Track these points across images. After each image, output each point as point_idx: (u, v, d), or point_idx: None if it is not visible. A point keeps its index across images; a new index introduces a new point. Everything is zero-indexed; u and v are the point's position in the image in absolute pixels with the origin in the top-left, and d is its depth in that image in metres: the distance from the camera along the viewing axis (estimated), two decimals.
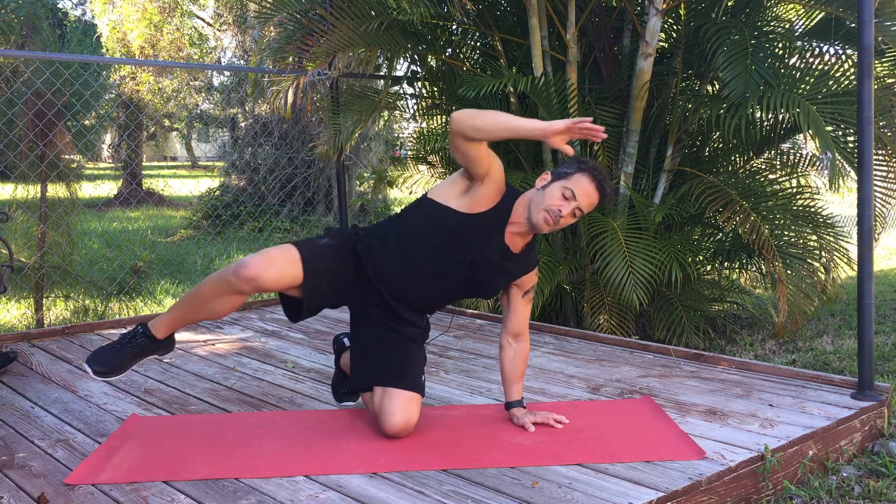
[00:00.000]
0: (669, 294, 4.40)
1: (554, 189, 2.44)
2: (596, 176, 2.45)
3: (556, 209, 2.42)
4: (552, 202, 2.43)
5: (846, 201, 5.26)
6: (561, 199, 2.43)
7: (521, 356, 2.67)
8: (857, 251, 2.86)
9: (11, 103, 4.85)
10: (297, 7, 5.01)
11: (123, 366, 2.49)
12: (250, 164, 11.37)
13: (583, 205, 2.44)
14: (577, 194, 2.43)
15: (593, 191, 2.44)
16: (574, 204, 2.43)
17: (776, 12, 4.86)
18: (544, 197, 2.45)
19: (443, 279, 2.55)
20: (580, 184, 2.43)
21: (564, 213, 2.42)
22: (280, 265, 2.38)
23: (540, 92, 4.30)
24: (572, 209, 2.43)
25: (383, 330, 2.60)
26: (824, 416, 2.66)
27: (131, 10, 13.14)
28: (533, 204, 2.48)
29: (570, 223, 2.49)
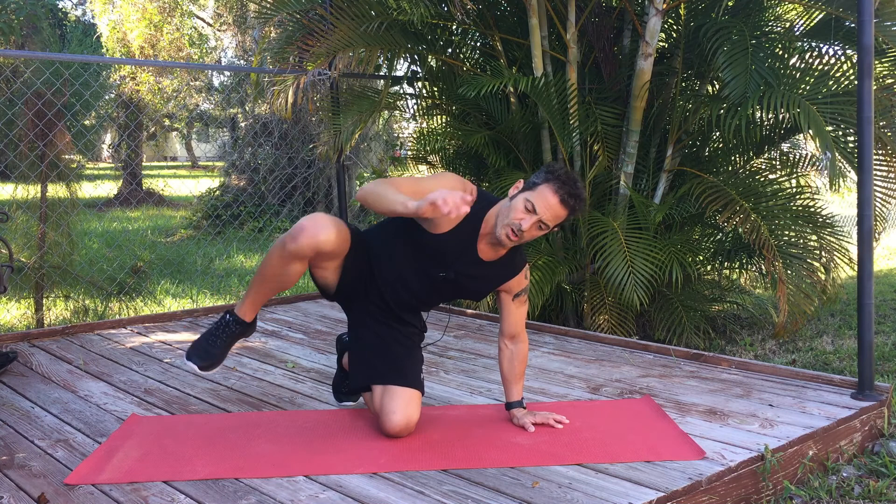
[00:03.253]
0: (669, 294, 4.40)
1: (518, 201, 2.37)
2: (561, 188, 2.34)
3: (517, 223, 2.34)
4: (514, 215, 2.35)
5: (846, 201, 5.26)
6: (523, 211, 2.35)
7: (518, 357, 2.66)
8: (857, 251, 2.86)
9: (11, 103, 4.85)
10: (298, 7, 5.01)
11: (222, 355, 2.56)
12: (250, 164, 11.37)
13: (545, 218, 2.34)
14: (539, 208, 2.33)
15: (556, 204, 2.34)
16: (536, 217, 2.34)
17: (776, 12, 4.86)
18: (509, 210, 2.38)
19: (427, 286, 2.57)
20: (543, 197, 2.34)
21: (525, 227, 2.33)
22: (333, 229, 2.37)
23: (540, 92, 4.30)
24: (534, 223, 2.34)
25: (384, 329, 2.62)
26: (824, 416, 2.66)
27: (131, 10, 13.13)
28: (500, 216, 2.41)
29: (538, 236, 2.41)
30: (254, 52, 12.17)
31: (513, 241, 2.38)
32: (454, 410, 2.85)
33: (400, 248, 2.56)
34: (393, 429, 2.49)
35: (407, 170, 5.82)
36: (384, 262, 2.57)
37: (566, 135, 4.45)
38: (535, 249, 4.53)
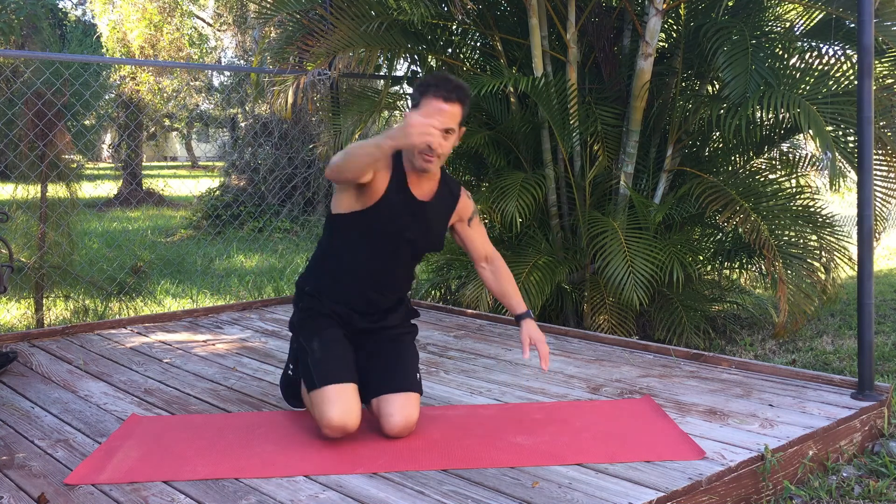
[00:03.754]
0: (670, 294, 4.40)
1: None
2: (438, 90, 2.34)
3: (424, 147, 2.37)
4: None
5: (846, 201, 5.26)
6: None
7: (501, 274, 2.73)
8: (857, 251, 2.86)
9: (11, 103, 4.85)
10: (297, 7, 5.01)
11: None
12: (250, 164, 11.37)
13: (444, 124, 2.34)
14: (434, 122, 2.29)
15: (444, 105, 2.35)
16: (435, 133, 2.29)
17: (776, 12, 4.86)
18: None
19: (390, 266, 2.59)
20: (430, 107, 2.36)
21: (433, 145, 2.34)
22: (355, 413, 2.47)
23: (540, 92, 4.30)
24: (436, 137, 2.30)
25: (372, 346, 2.64)
26: (824, 416, 2.66)
27: (131, 10, 13.14)
28: (406, 151, 2.43)
29: (451, 144, 2.41)
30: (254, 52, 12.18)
31: (432, 160, 2.41)
32: (454, 410, 2.85)
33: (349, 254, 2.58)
34: (392, 431, 2.50)
35: None
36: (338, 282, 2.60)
37: (566, 135, 4.45)
38: (534, 249, 4.53)
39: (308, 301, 2.66)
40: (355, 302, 2.62)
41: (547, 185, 4.61)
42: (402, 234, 2.54)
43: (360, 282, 2.60)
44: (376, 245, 2.56)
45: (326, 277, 2.63)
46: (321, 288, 2.64)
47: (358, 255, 2.57)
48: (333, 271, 2.62)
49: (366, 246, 2.56)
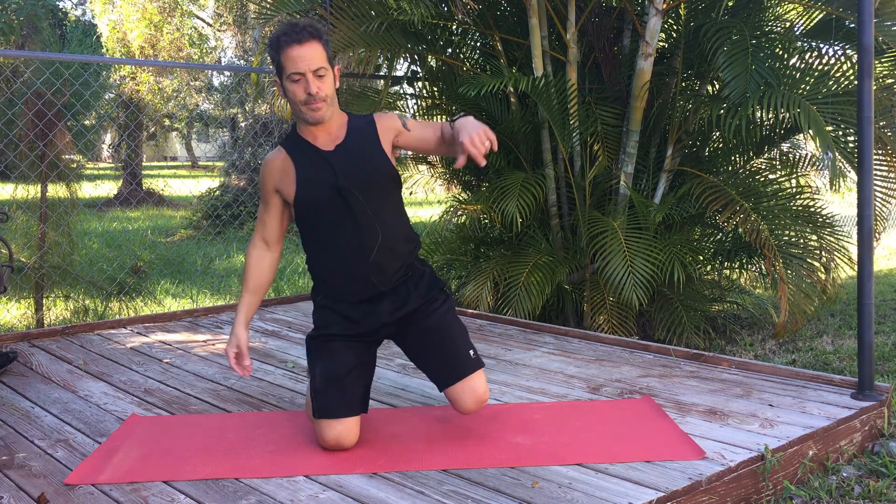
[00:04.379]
0: (670, 294, 4.40)
1: (288, 87, 2.36)
2: (285, 39, 2.32)
3: (303, 97, 2.34)
4: (297, 96, 2.35)
5: (846, 201, 5.26)
6: (297, 87, 2.34)
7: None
8: (857, 251, 2.86)
9: (11, 103, 4.85)
10: (297, 7, 5.01)
11: None
12: (250, 164, 11.37)
13: (308, 67, 2.32)
14: (298, 67, 2.31)
15: (300, 49, 2.31)
16: (307, 78, 2.32)
17: (776, 12, 4.86)
18: (291, 101, 2.40)
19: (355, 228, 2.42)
20: (290, 59, 2.32)
21: (312, 90, 2.32)
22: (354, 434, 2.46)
23: (540, 92, 4.30)
24: (310, 81, 2.32)
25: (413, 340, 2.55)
26: (824, 416, 2.66)
27: (131, 10, 13.15)
28: (295, 113, 2.43)
29: (328, 84, 2.37)
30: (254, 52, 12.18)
31: (317, 107, 2.36)
32: (455, 410, 2.84)
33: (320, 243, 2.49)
34: (467, 411, 2.51)
35: (407, 170, 5.82)
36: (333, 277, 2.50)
37: (566, 135, 4.45)
38: (534, 249, 4.53)
39: (319, 314, 2.54)
40: (361, 290, 2.46)
41: (547, 185, 4.61)
42: (335, 187, 2.40)
43: (346, 263, 2.44)
44: (326, 216, 2.43)
45: (322, 279, 2.54)
46: (327, 292, 2.54)
47: (324, 238, 2.46)
48: (322, 269, 2.52)
49: (321, 223, 2.45)
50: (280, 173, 2.48)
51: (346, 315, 2.49)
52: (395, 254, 2.47)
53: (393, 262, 2.46)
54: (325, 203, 2.42)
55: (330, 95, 2.38)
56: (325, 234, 2.46)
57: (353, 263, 2.44)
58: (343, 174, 2.41)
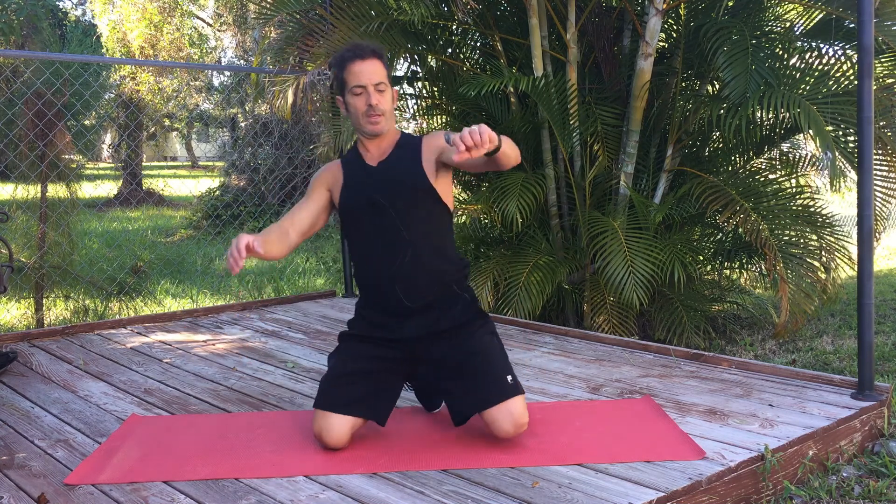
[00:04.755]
0: (670, 294, 4.40)
1: (350, 101, 2.50)
2: (350, 56, 2.47)
3: (364, 108, 2.47)
4: (358, 109, 2.48)
5: (846, 201, 5.26)
6: (359, 100, 2.47)
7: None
8: (857, 251, 2.85)
9: (11, 103, 4.85)
10: (297, 7, 5.01)
11: None
12: (250, 164, 11.38)
13: (371, 81, 2.46)
14: (361, 81, 2.45)
15: (363, 64, 2.46)
16: (368, 91, 2.46)
17: (776, 12, 4.86)
18: (352, 114, 2.52)
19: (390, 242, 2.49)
20: (353, 74, 2.46)
21: (372, 102, 2.46)
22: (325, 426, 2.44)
23: (540, 92, 4.30)
24: (371, 94, 2.46)
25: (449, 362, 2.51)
26: (824, 416, 2.66)
27: (131, 10, 13.15)
28: (355, 126, 2.55)
29: (388, 99, 2.50)
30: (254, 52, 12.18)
31: (377, 120, 2.48)
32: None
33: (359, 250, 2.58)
34: (505, 435, 2.43)
35: None
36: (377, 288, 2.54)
37: (566, 135, 4.45)
38: (534, 249, 4.53)
39: (352, 319, 2.65)
40: (387, 302, 2.51)
41: (547, 184, 4.61)
42: (370, 200, 2.49)
43: (376, 274, 2.51)
44: (363, 225, 2.53)
45: (360, 288, 2.63)
46: (363, 300, 2.62)
47: (361, 246, 2.56)
48: (360, 278, 2.61)
49: (358, 233, 2.55)
50: (332, 178, 2.63)
51: (371, 321, 2.56)
52: (425, 271, 2.50)
53: (422, 279, 2.50)
54: (361, 212, 2.54)
55: (388, 111, 2.50)
56: (362, 243, 2.57)
57: (381, 274, 2.51)
58: (379, 187, 2.51)
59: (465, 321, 2.53)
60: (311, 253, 8.31)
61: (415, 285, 2.48)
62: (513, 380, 2.46)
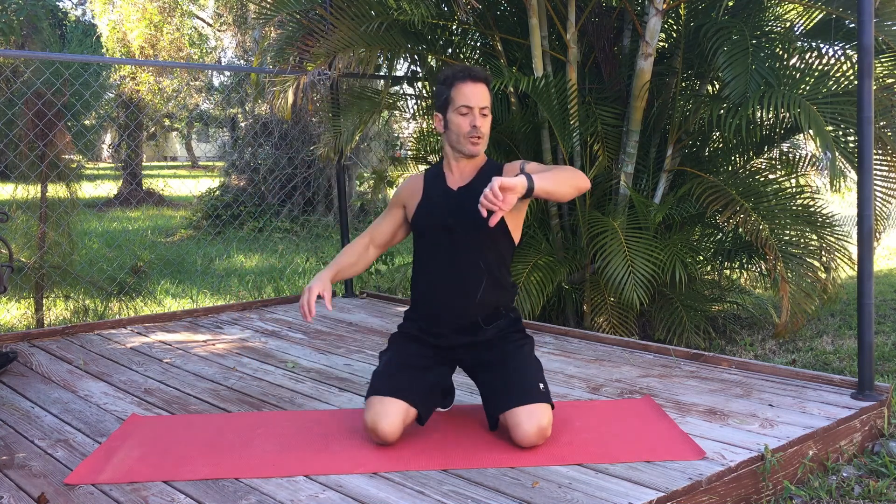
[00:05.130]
0: (670, 294, 4.40)
1: (453, 119, 2.54)
2: (462, 76, 2.52)
3: (468, 129, 2.52)
4: (462, 128, 2.53)
5: (846, 201, 5.26)
6: (464, 120, 2.52)
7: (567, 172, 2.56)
8: (857, 251, 2.86)
9: (11, 103, 4.85)
10: (298, 7, 5.01)
11: None
12: (250, 164, 11.37)
13: (479, 104, 2.51)
14: (470, 102, 2.51)
15: (473, 86, 2.52)
16: (474, 112, 2.51)
17: (776, 12, 4.86)
18: (453, 131, 2.56)
19: (451, 262, 2.59)
20: (462, 94, 2.51)
21: (478, 123, 2.51)
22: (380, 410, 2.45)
23: (541, 92, 4.30)
24: (478, 115, 2.52)
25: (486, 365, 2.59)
26: (824, 416, 2.66)
27: (131, 10, 13.14)
28: (453, 144, 2.58)
29: (487, 127, 2.56)
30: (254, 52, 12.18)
31: (478, 142, 2.54)
32: (454, 410, 2.84)
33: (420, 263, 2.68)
34: (525, 440, 2.41)
35: (407, 170, 5.82)
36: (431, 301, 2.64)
37: (566, 135, 4.45)
38: (534, 250, 4.53)
39: (404, 324, 2.73)
40: (446, 316, 2.60)
41: None
42: (443, 222, 2.58)
43: (439, 291, 2.62)
44: (432, 244, 2.63)
45: (416, 299, 2.71)
46: (417, 310, 2.70)
47: (423, 259, 2.66)
48: (417, 291, 2.70)
49: (427, 250, 2.65)
50: (411, 193, 2.71)
51: (420, 327, 2.66)
52: (482, 296, 2.59)
53: (478, 303, 2.59)
54: (432, 233, 2.61)
55: (486, 134, 2.57)
56: (427, 261, 2.66)
57: (439, 293, 2.62)
58: (454, 212, 2.56)
59: (507, 333, 2.63)
60: (311, 253, 8.31)
61: (469, 310, 2.59)
62: (544, 388, 2.51)
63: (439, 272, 2.61)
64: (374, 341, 3.98)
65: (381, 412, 2.43)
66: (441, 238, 2.60)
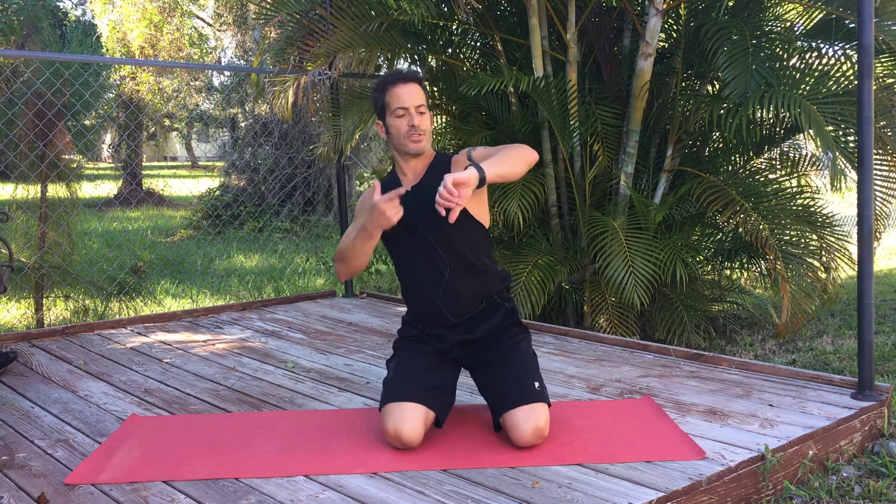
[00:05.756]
0: (670, 294, 4.40)
1: (392, 123, 2.59)
2: (391, 81, 2.58)
3: (406, 128, 2.57)
4: (401, 130, 2.57)
5: (846, 201, 5.26)
6: (401, 122, 2.57)
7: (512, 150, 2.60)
8: (857, 251, 2.86)
9: (11, 103, 4.85)
10: (298, 7, 5.01)
11: None
12: (250, 164, 11.37)
13: (413, 104, 2.56)
14: (404, 104, 2.56)
15: (404, 87, 2.57)
16: (410, 113, 2.56)
17: (776, 12, 4.85)
18: (394, 135, 2.60)
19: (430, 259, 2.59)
20: (395, 97, 2.56)
21: (415, 123, 2.56)
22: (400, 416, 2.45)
23: (541, 92, 4.30)
24: (414, 116, 2.56)
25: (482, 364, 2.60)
26: (824, 416, 2.66)
27: (131, 10, 13.14)
28: (398, 147, 2.63)
29: (428, 122, 2.61)
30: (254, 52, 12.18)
31: (419, 138, 2.58)
32: (454, 410, 2.84)
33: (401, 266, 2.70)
34: (522, 440, 2.41)
35: None
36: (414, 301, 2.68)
37: (566, 135, 4.45)
38: (535, 249, 4.53)
39: (402, 328, 2.76)
40: (432, 317, 2.62)
41: (547, 185, 4.61)
42: (405, 224, 2.56)
43: (419, 291, 2.64)
44: (403, 247, 2.65)
45: (406, 303, 2.73)
46: (412, 312, 2.72)
47: (400, 263, 2.69)
48: (404, 294, 2.72)
49: (400, 253, 2.67)
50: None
51: (420, 330, 2.68)
52: (466, 287, 2.60)
53: (464, 296, 2.60)
54: (398, 235, 2.61)
55: (428, 131, 2.61)
56: (404, 264, 2.69)
57: (424, 292, 2.63)
58: (414, 212, 2.56)
59: (502, 328, 2.63)
60: (311, 253, 8.31)
61: (457, 302, 2.59)
62: (540, 386, 2.51)
63: (417, 272, 2.63)
64: (374, 341, 3.98)
65: (402, 418, 2.42)
66: (409, 239, 2.61)
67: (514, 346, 2.59)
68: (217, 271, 7.53)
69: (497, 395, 2.51)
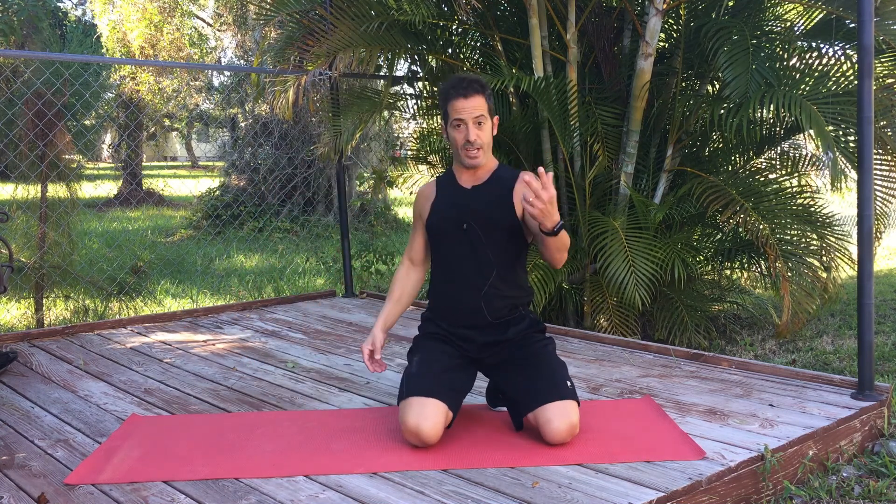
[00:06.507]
0: (670, 294, 4.40)
1: (451, 133, 2.62)
2: (453, 91, 2.58)
3: (462, 142, 2.59)
4: (458, 142, 2.60)
5: (846, 201, 5.26)
6: (458, 134, 2.59)
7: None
8: (857, 251, 2.85)
9: (11, 103, 4.85)
10: (298, 7, 5.01)
11: None
12: (250, 164, 11.37)
13: (472, 117, 2.56)
14: (461, 116, 2.56)
15: (465, 101, 2.56)
16: (467, 125, 2.57)
17: (776, 12, 4.85)
18: (453, 142, 2.63)
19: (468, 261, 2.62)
20: (454, 108, 2.57)
21: (471, 138, 2.57)
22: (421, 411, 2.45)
23: (541, 92, 4.30)
24: (471, 129, 2.57)
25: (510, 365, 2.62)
26: (824, 416, 2.66)
27: (131, 10, 13.14)
28: (453, 155, 2.69)
29: (486, 132, 2.61)
30: (254, 52, 12.18)
31: (475, 154, 2.60)
32: None
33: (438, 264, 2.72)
34: (555, 436, 2.42)
35: (407, 170, 5.82)
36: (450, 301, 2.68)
37: (566, 135, 4.45)
38: (535, 250, 4.52)
39: (423, 325, 2.76)
40: (466, 316, 2.63)
41: None
42: (456, 218, 2.63)
43: (459, 290, 2.64)
44: (449, 244, 2.66)
45: (436, 300, 2.73)
46: (437, 311, 2.72)
47: (441, 260, 2.70)
48: (438, 292, 2.72)
49: (444, 250, 2.68)
50: (426, 198, 2.78)
51: (446, 330, 2.68)
52: (502, 293, 2.63)
53: (499, 300, 2.63)
54: (448, 231, 2.65)
55: (486, 143, 2.62)
56: (447, 260, 2.69)
57: (465, 292, 2.64)
58: (468, 208, 2.63)
59: (529, 333, 2.67)
60: (311, 253, 8.31)
61: (493, 305, 2.62)
62: (571, 386, 2.54)
63: (463, 271, 2.64)
64: None
65: (423, 414, 2.42)
66: (458, 237, 2.63)
67: (542, 349, 2.63)
68: (217, 271, 7.53)
69: (528, 392, 2.51)
